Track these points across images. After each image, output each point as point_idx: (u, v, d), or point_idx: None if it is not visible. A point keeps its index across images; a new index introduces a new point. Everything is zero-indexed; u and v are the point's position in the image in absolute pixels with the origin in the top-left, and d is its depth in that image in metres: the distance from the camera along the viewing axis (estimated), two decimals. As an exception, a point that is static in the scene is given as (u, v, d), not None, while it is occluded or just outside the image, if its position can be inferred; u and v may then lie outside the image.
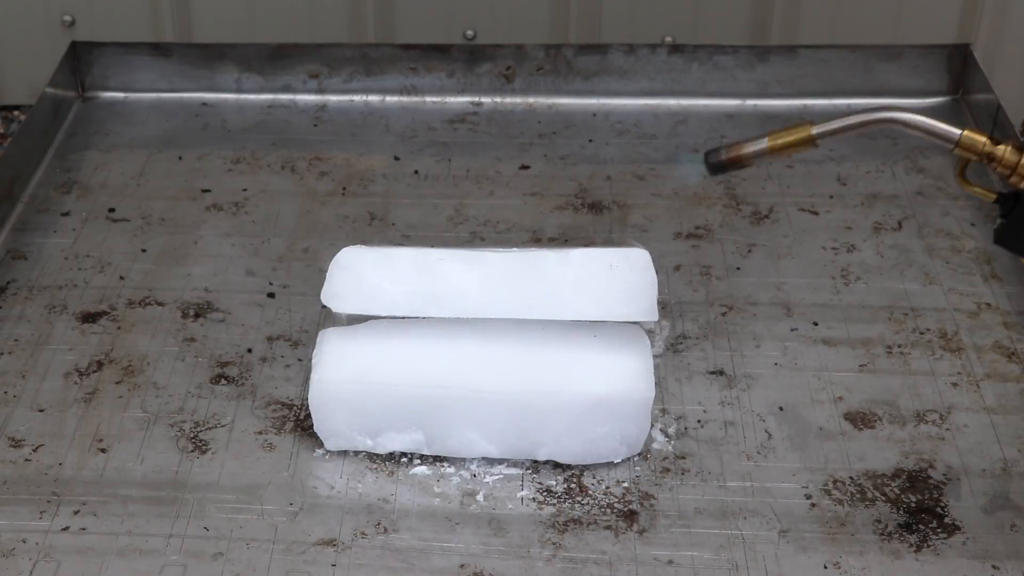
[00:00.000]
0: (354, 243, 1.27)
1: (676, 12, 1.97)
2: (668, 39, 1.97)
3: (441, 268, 1.10)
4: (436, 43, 1.54)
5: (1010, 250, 0.88)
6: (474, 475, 1.04)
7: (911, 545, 0.98)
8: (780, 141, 0.91)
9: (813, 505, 1.01)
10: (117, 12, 2.01)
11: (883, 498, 1.02)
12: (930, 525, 1.00)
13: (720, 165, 0.93)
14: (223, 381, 1.13)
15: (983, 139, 0.87)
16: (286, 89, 1.53)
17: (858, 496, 1.02)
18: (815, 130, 0.91)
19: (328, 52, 1.53)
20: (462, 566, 0.96)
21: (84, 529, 0.99)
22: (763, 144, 0.91)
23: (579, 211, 1.34)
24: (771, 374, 1.14)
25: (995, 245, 0.89)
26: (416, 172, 1.41)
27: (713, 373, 1.14)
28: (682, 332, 1.18)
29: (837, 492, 1.02)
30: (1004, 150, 0.86)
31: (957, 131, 0.88)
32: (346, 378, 1.03)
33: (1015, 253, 0.87)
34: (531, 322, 1.06)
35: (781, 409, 1.10)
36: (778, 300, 1.22)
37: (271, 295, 1.23)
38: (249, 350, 1.16)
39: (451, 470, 1.04)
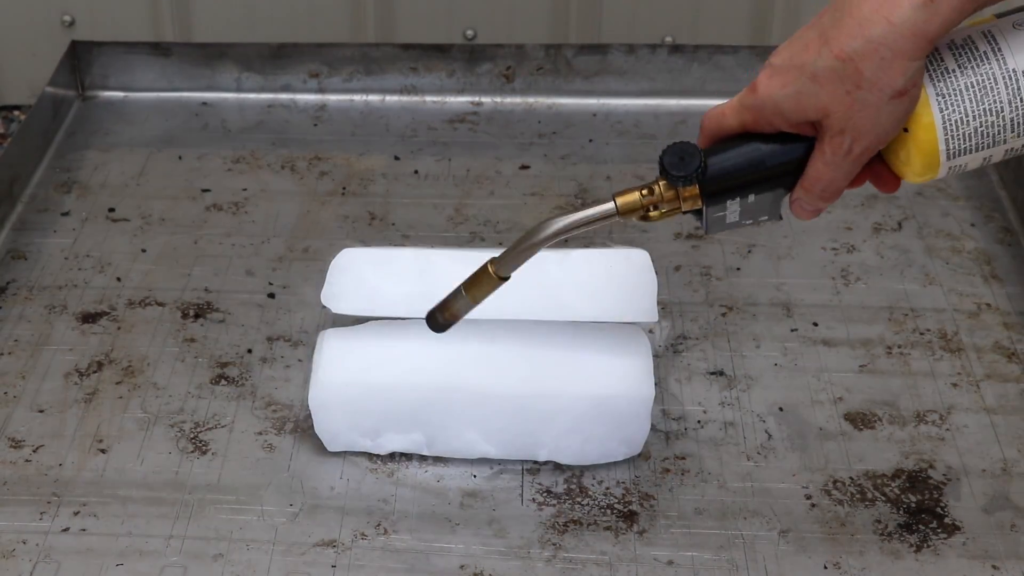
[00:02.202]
0: (354, 243, 1.27)
1: (676, 12, 1.97)
2: (668, 39, 1.97)
3: (441, 269, 1.10)
4: (436, 43, 1.54)
5: (722, 232, 0.89)
6: (474, 476, 1.04)
7: (911, 545, 0.98)
8: (473, 291, 0.94)
9: (813, 505, 1.01)
10: (117, 12, 2.00)
11: (883, 498, 1.02)
12: (930, 525, 1.00)
13: (442, 326, 0.96)
14: (223, 382, 1.13)
15: (635, 195, 0.88)
16: (286, 89, 1.53)
17: (858, 496, 1.02)
18: (493, 267, 0.92)
19: (328, 52, 1.53)
20: (462, 567, 0.96)
21: (84, 530, 0.99)
22: (464, 296, 0.94)
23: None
24: (771, 374, 1.14)
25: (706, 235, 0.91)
26: (416, 172, 1.41)
27: (713, 374, 1.14)
28: (682, 332, 1.18)
29: (837, 492, 1.03)
30: (660, 193, 0.87)
31: (610, 204, 0.89)
32: (346, 379, 1.03)
33: (726, 231, 0.89)
34: (531, 323, 1.06)
35: (781, 409, 1.10)
36: (778, 301, 1.22)
37: (271, 295, 1.23)
38: (249, 350, 1.16)
39: (451, 471, 1.04)
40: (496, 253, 1.12)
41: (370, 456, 1.05)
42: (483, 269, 0.92)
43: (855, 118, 0.78)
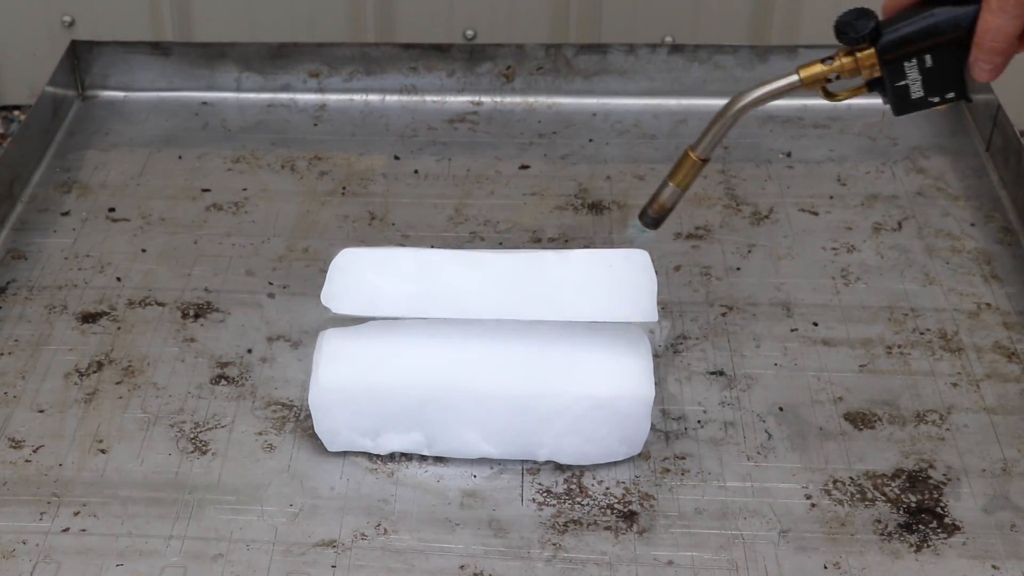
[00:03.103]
0: (354, 243, 1.27)
1: (676, 12, 1.97)
2: (668, 39, 1.97)
3: (441, 269, 1.10)
4: (436, 42, 1.54)
5: (912, 112, 0.93)
6: (474, 476, 1.04)
7: (911, 545, 0.98)
8: (679, 176, 0.99)
9: (813, 505, 1.01)
10: (117, 12, 2.01)
11: (883, 498, 1.02)
12: (930, 525, 1.00)
13: (654, 220, 1.02)
14: (223, 382, 1.13)
15: (817, 66, 0.93)
16: (286, 88, 1.53)
17: (858, 496, 1.02)
18: (695, 151, 0.98)
19: (328, 51, 1.53)
20: (462, 567, 0.96)
21: (84, 530, 0.99)
22: (670, 186, 1.00)
23: (579, 211, 1.34)
24: (771, 374, 1.14)
25: (897, 117, 0.95)
26: (416, 172, 1.41)
27: (713, 373, 1.14)
28: (682, 332, 1.18)
29: (837, 492, 1.03)
30: (840, 63, 0.92)
31: (795, 76, 0.94)
32: (346, 379, 1.03)
33: (919, 111, 0.94)
34: (531, 323, 1.06)
35: (781, 409, 1.10)
36: (778, 300, 1.22)
37: (271, 295, 1.23)
38: (249, 350, 1.16)
39: (451, 471, 1.04)
40: (496, 253, 1.12)
41: (370, 456, 1.05)
42: (684, 156, 0.96)
43: None
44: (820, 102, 1.51)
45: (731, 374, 1.14)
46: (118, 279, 1.25)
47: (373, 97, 1.53)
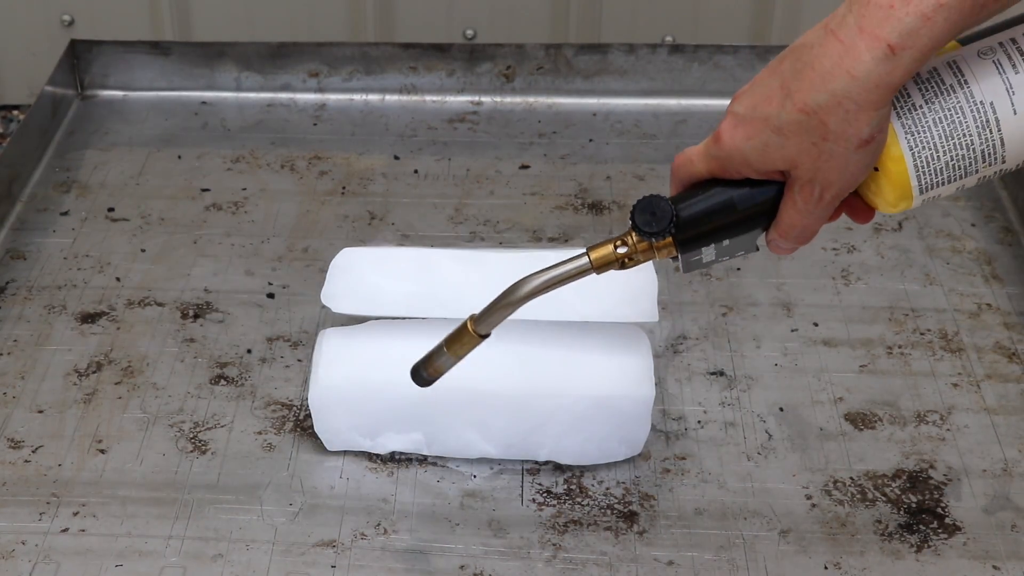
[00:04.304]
0: (354, 243, 1.27)
1: (676, 12, 1.97)
2: (668, 39, 1.97)
3: (441, 268, 1.10)
4: (436, 42, 1.53)
5: (699, 270, 0.90)
6: (474, 476, 1.04)
7: (912, 545, 0.98)
8: (455, 347, 0.93)
9: (813, 505, 1.01)
10: (116, 11, 2.00)
11: (883, 498, 1.02)
12: (931, 525, 1.00)
13: (427, 381, 0.96)
14: (223, 382, 1.12)
15: (608, 248, 0.87)
16: (285, 88, 1.53)
17: (858, 496, 1.02)
18: (471, 325, 0.92)
19: (328, 51, 1.52)
20: (462, 567, 0.96)
21: (83, 531, 0.99)
22: (445, 352, 0.94)
23: (579, 211, 1.34)
24: (771, 375, 1.13)
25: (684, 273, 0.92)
26: (416, 171, 1.41)
27: (713, 374, 1.14)
28: (682, 332, 1.18)
29: (837, 492, 1.02)
30: (635, 247, 0.86)
31: (585, 260, 0.88)
32: (346, 378, 1.03)
33: (702, 269, 0.90)
34: (531, 323, 1.06)
35: (781, 410, 1.10)
36: (778, 301, 1.22)
37: (271, 295, 1.22)
38: (249, 350, 1.16)
39: (451, 471, 1.04)
40: (496, 253, 1.12)
41: (370, 456, 1.05)
42: (463, 326, 0.92)
43: (823, 168, 0.77)
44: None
45: (731, 374, 1.13)
46: (117, 279, 1.24)
47: (373, 97, 1.53)
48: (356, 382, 1.03)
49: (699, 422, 1.09)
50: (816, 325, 1.19)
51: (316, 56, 1.52)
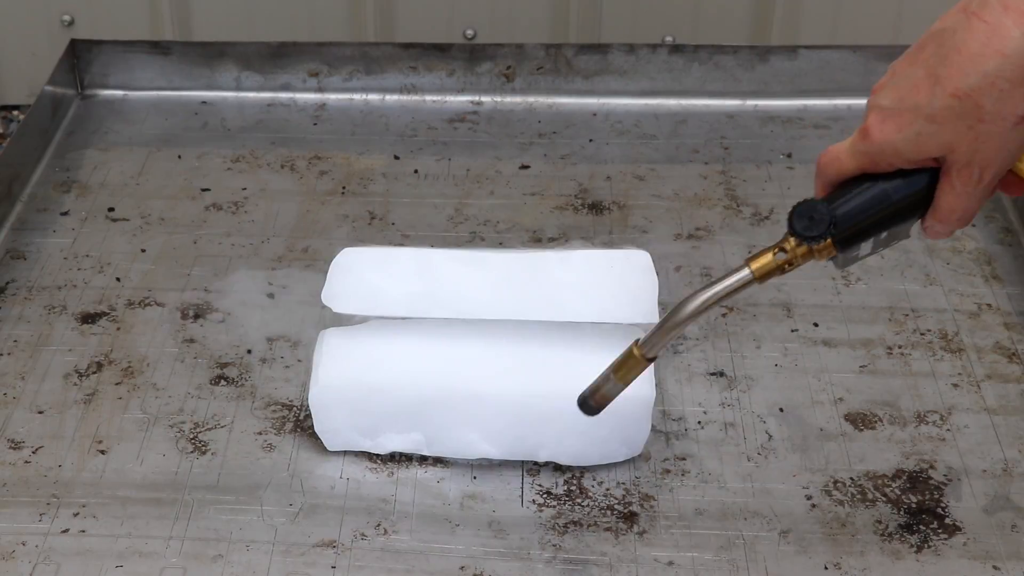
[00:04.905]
0: (354, 243, 1.27)
1: (676, 12, 1.97)
2: (668, 39, 1.97)
3: (441, 268, 1.10)
4: (436, 42, 1.53)
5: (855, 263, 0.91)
6: (474, 477, 1.03)
7: (912, 546, 0.98)
8: (622, 372, 0.94)
9: (814, 506, 1.01)
10: (116, 11, 2.00)
11: (884, 499, 1.02)
12: (931, 526, 1.00)
13: (593, 409, 0.97)
14: (223, 382, 1.12)
15: (769, 256, 0.88)
16: (286, 88, 1.53)
17: (859, 497, 1.02)
18: (639, 350, 0.93)
19: (328, 51, 1.52)
20: (462, 568, 0.96)
21: (84, 531, 0.99)
22: (612, 379, 0.95)
23: (579, 211, 1.34)
24: (771, 375, 1.13)
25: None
26: (416, 171, 1.41)
27: (713, 374, 1.14)
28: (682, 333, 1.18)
29: (838, 493, 1.02)
30: (795, 253, 0.87)
31: (746, 271, 0.89)
32: (346, 379, 1.03)
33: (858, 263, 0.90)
34: (532, 323, 1.06)
35: (781, 410, 1.10)
36: (778, 301, 1.22)
37: (271, 295, 1.22)
38: (249, 351, 1.16)
39: (451, 471, 1.04)
40: (496, 253, 1.12)
41: (370, 456, 1.05)
42: (629, 352, 0.93)
43: (981, 150, 0.77)
44: (820, 102, 1.52)
45: (731, 375, 1.13)
46: (117, 279, 1.24)
47: (373, 97, 1.53)
48: (356, 382, 1.03)
49: (699, 423, 1.09)
50: (816, 325, 1.19)
51: (316, 56, 1.52)
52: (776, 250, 0.87)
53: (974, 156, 0.78)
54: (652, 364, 0.94)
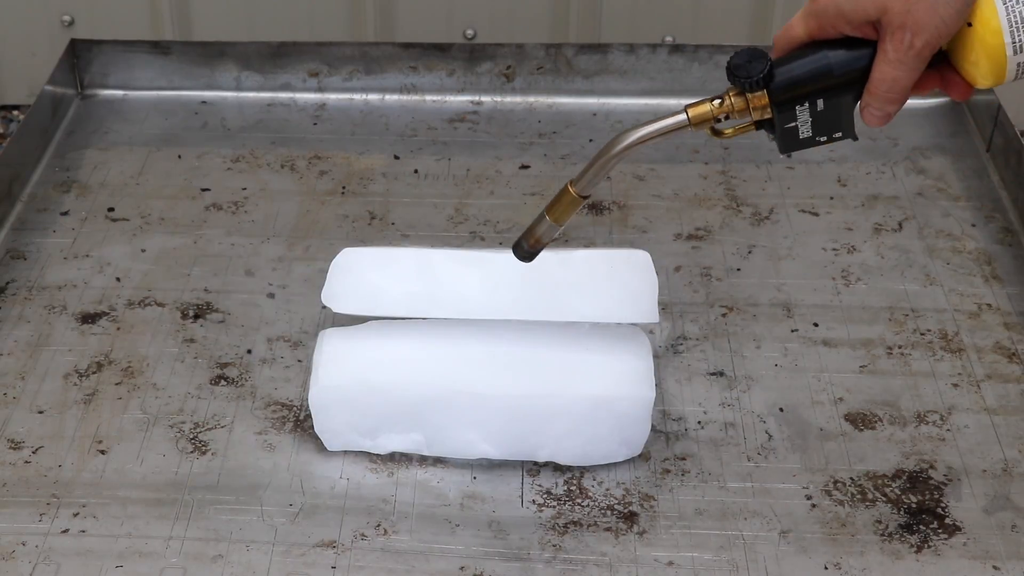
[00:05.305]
0: (354, 243, 1.27)
1: (676, 12, 1.97)
2: (668, 39, 1.97)
3: (441, 269, 1.10)
4: (436, 42, 1.53)
5: (797, 151, 0.91)
6: (474, 477, 1.03)
7: (912, 546, 0.98)
8: (556, 210, 0.95)
9: (814, 506, 1.01)
10: (116, 11, 2.00)
11: (884, 499, 1.02)
12: (931, 526, 1.00)
13: (528, 253, 0.98)
14: (223, 382, 1.12)
15: (707, 105, 0.90)
16: (286, 87, 1.53)
17: (859, 497, 1.02)
18: (574, 187, 0.94)
19: (328, 50, 1.52)
20: (462, 568, 0.96)
21: (84, 531, 0.99)
22: (546, 220, 0.96)
23: (579, 211, 1.34)
24: (771, 375, 1.13)
25: (784, 156, 0.93)
26: (416, 171, 1.41)
27: (713, 374, 1.14)
28: (682, 333, 1.18)
29: (838, 493, 1.02)
30: (731, 103, 0.88)
31: (682, 115, 0.90)
32: (346, 379, 1.03)
33: (801, 150, 0.91)
34: (531, 323, 1.06)
35: (781, 410, 1.10)
36: (778, 301, 1.22)
37: (271, 295, 1.22)
38: (249, 351, 1.16)
39: (451, 471, 1.04)
40: (496, 253, 1.12)
41: (370, 456, 1.05)
42: (564, 190, 0.93)
43: (913, 11, 0.79)
44: (820, 102, 1.51)
45: (731, 375, 1.13)
46: (117, 279, 1.24)
47: (373, 96, 1.53)
48: (356, 382, 1.03)
49: (699, 422, 1.09)
50: (816, 325, 1.19)
51: (316, 56, 1.52)
52: (716, 100, 0.88)
53: (907, 18, 0.79)
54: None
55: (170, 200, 1.36)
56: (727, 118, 0.89)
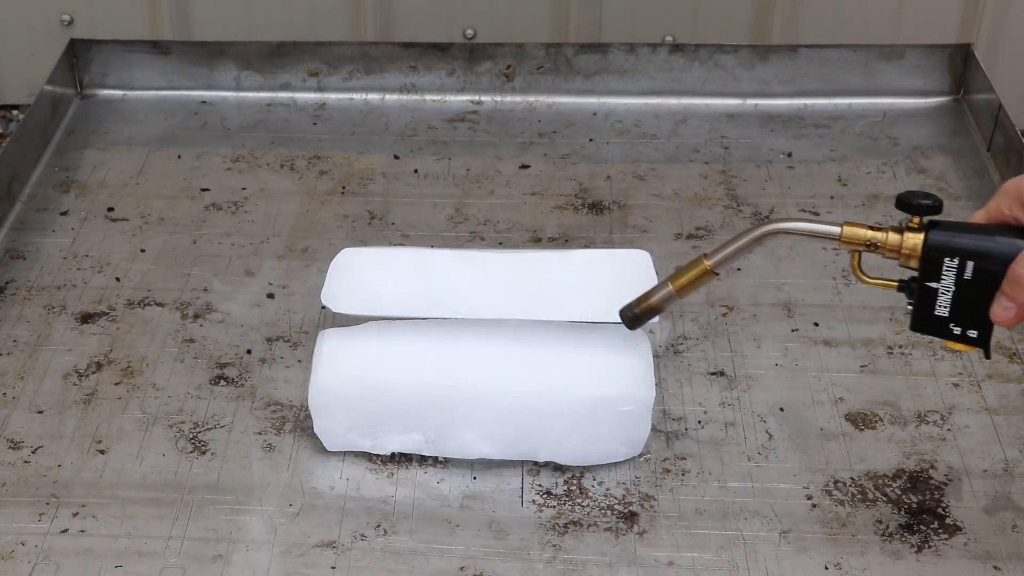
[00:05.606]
0: (354, 243, 1.27)
1: (677, 11, 1.97)
2: (669, 38, 1.97)
3: (441, 269, 1.10)
4: (436, 41, 1.53)
5: (928, 335, 0.90)
6: (474, 477, 1.03)
7: (912, 546, 0.98)
8: (682, 281, 0.95)
9: (814, 506, 1.01)
10: (116, 11, 2.00)
11: (884, 499, 1.02)
12: (931, 526, 1.00)
13: (635, 318, 0.98)
14: (222, 382, 1.12)
15: (863, 230, 0.90)
16: (285, 87, 1.53)
17: (859, 497, 1.02)
18: (709, 261, 0.94)
19: (328, 50, 1.52)
20: (462, 568, 0.96)
21: (83, 531, 0.99)
22: (668, 289, 0.96)
23: (579, 211, 1.34)
24: (772, 375, 1.13)
25: (912, 331, 0.91)
26: (416, 171, 1.41)
27: (714, 374, 1.13)
28: (682, 333, 1.18)
29: (838, 493, 1.02)
30: (886, 236, 0.89)
31: (837, 228, 0.90)
32: (346, 379, 1.03)
33: (934, 336, 0.90)
34: (531, 323, 1.06)
35: (782, 410, 1.10)
36: (779, 301, 1.22)
37: (271, 295, 1.22)
38: (248, 351, 1.16)
39: (451, 471, 1.04)
40: (496, 253, 1.12)
41: (370, 456, 1.05)
42: (696, 261, 0.93)
43: None
44: (820, 102, 1.52)
45: (732, 374, 1.13)
46: (117, 279, 1.24)
47: (373, 96, 1.53)
48: (356, 382, 1.03)
49: (699, 422, 1.09)
50: (816, 325, 1.19)
51: (316, 55, 1.52)
52: (875, 228, 0.88)
53: None
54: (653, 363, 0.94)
55: (170, 200, 1.36)
56: (876, 248, 0.88)
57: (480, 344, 1.04)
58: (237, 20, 1.99)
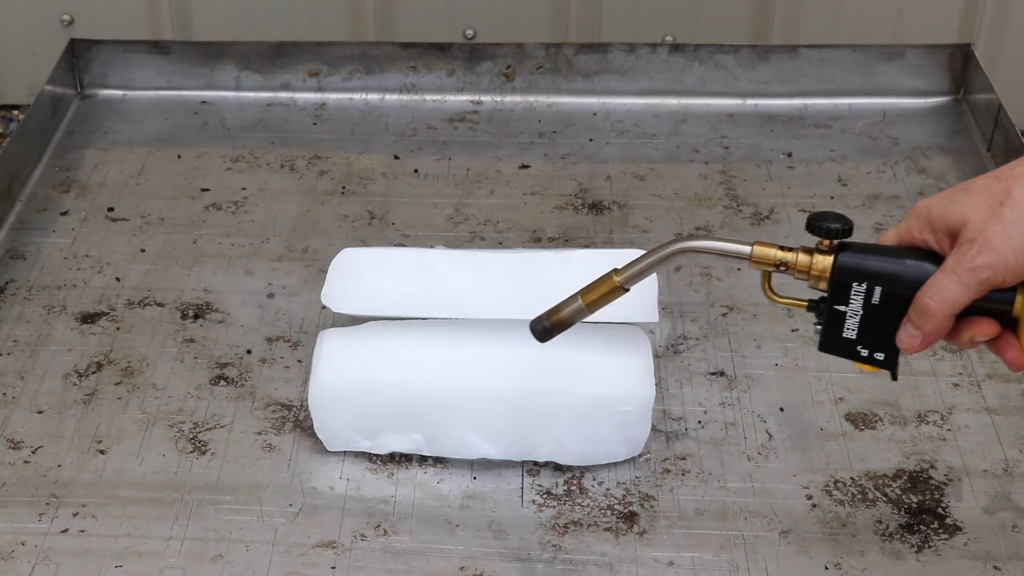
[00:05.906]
0: (354, 243, 1.27)
1: (677, 11, 1.97)
2: (669, 38, 1.97)
3: (441, 269, 1.10)
4: (436, 41, 1.53)
5: (836, 355, 0.89)
6: (474, 477, 1.03)
7: (912, 546, 0.98)
8: (592, 296, 0.93)
9: (814, 506, 1.01)
10: (116, 11, 2.00)
11: (884, 499, 1.02)
12: (931, 526, 1.00)
13: (545, 331, 0.95)
14: (222, 382, 1.12)
15: (774, 250, 0.88)
16: (285, 87, 1.53)
17: (859, 497, 1.02)
18: (619, 277, 0.93)
19: (328, 50, 1.52)
20: (462, 568, 0.96)
21: (83, 531, 0.99)
22: (578, 303, 0.94)
23: (579, 211, 1.34)
24: (772, 375, 1.13)
25: (820, 352, 0.90)
26: (416, 171, 1.41)
27: (714, 374, 1.13)
28: (683, 333, 1.18)
29: (838, 493, 1.02)
30: (795, 256, 0.87)
31: (747, 247, 0.89)
32: (346, 379, 1.03)
33: (840, 357, 0.89)
34: (531, 323, 1.06)
35: (782, 410, 1.10)
36: (779, 300, 1.22)
37: (271, 295, 1.22)
38: (248, 351, 1.16)
39: (451, 471, 1.04)
40: (496, 253, 1.12)
41: (370, 456, 1.05)
42: (606, 277, 0.91)
43: (988, 229, 0.79)
44: (820, 102, 1.52)
45: (732, 374, 1.13)
46: (117, 279, 1.24)
47: (373, 96, 1.53)
48: (356, 382, 1.03)
49: (699, 422, 1.09)
50: (817, 325, 1.19)
51: (316, 55, 1.52)
52: (784, 249, 0.87)
53: (978, 234, 0.79)
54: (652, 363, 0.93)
55: (170, 200, 1.36)
56: (786, 269, 0.87)
57: (480, 344, 1.04)
58: (237, 20, 1.99)
